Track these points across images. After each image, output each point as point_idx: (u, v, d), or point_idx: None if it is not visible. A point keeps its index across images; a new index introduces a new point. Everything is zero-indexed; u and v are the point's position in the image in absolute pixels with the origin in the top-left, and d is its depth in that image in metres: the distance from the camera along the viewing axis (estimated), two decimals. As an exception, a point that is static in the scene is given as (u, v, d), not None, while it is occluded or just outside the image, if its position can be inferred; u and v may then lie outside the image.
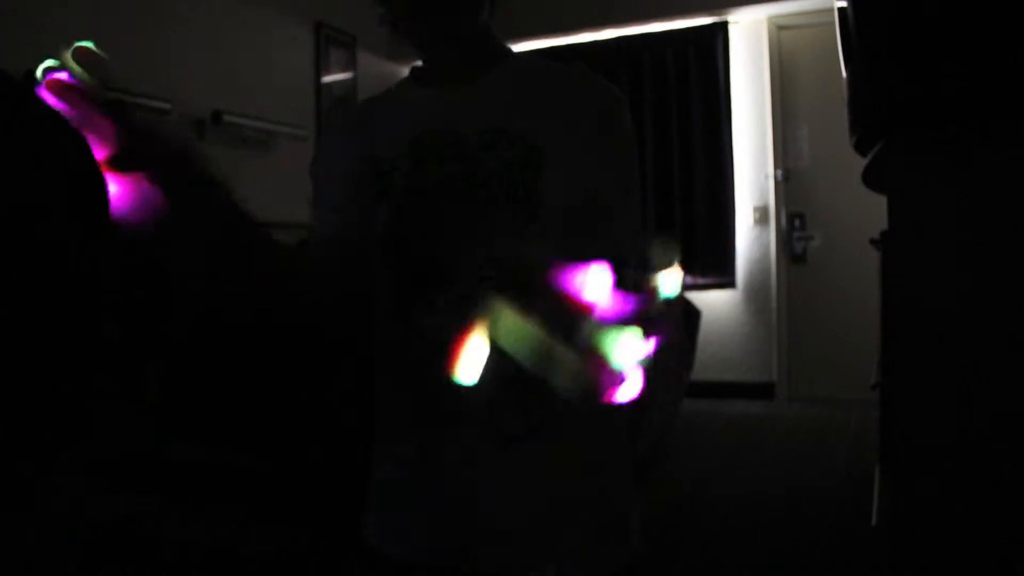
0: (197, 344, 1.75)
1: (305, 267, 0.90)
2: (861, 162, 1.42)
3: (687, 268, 4.82)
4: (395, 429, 0.94)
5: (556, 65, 0.95)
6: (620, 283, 0.62)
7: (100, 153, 0.61)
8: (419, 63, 0.98)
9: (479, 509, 0.87)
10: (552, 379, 0.60)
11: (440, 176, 0.88)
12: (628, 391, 0.60)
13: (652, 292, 0.69)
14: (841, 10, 1.38)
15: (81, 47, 0.63)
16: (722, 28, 4.73)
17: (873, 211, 2.00)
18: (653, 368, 0.60)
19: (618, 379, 0.59)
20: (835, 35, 1.46)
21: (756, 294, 4.75)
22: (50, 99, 0.59)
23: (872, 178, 1.50)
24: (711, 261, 4.76)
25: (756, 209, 4.74)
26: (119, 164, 0.63)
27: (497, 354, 0.60)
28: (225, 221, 0.74)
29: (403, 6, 0.89)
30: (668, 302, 0.68)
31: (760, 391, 4.70)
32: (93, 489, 1.48)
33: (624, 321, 0.60)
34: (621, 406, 0.80)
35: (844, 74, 1.41)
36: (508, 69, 0.93)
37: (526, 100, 0.90)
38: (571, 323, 0.61)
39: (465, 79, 0.92)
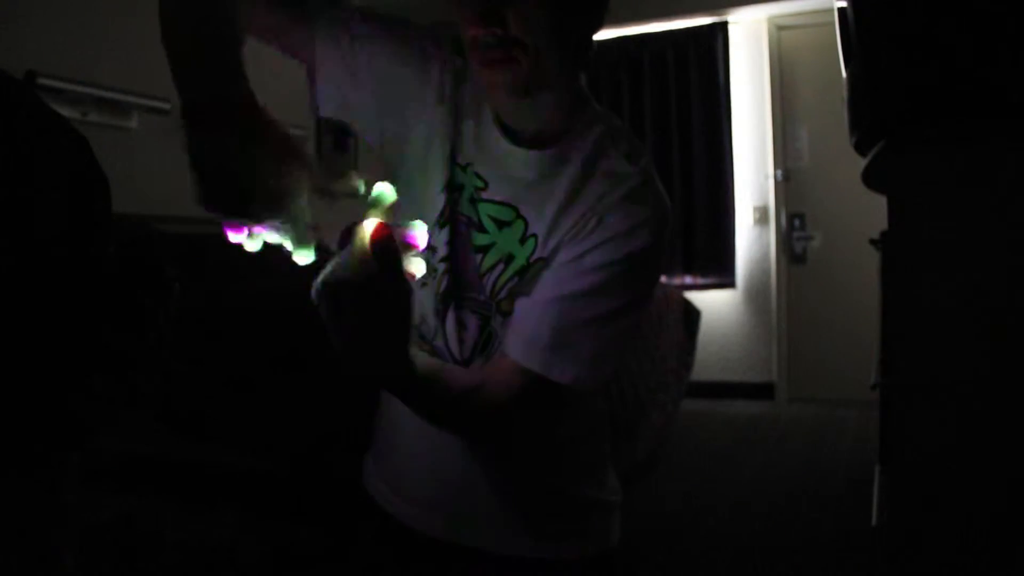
0: (194, 343, 1.75)
1: None
2: (861, 162, 1.42)
3: (687, 268, 4.82)
4: None
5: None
6: None
7: None
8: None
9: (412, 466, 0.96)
10: None
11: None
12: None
13: None
14: (841, 10, 1.38)
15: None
16: (722, 28, 4.73)
17: (873, 211, 2.01)
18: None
19: None
20: (835, 35, 1.46)
21: (756, 294, 4.75)
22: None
23: (872, 178, 1.50)
24: (711, 261, 4.76)
25: (756, 209, 4.74)
26: None
27: None
28: None
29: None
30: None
31: (760, 391, 4.70)
32: (93, 489, 1.48)
33: None
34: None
35: (844, 74, 1.41)
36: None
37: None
38: None
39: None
